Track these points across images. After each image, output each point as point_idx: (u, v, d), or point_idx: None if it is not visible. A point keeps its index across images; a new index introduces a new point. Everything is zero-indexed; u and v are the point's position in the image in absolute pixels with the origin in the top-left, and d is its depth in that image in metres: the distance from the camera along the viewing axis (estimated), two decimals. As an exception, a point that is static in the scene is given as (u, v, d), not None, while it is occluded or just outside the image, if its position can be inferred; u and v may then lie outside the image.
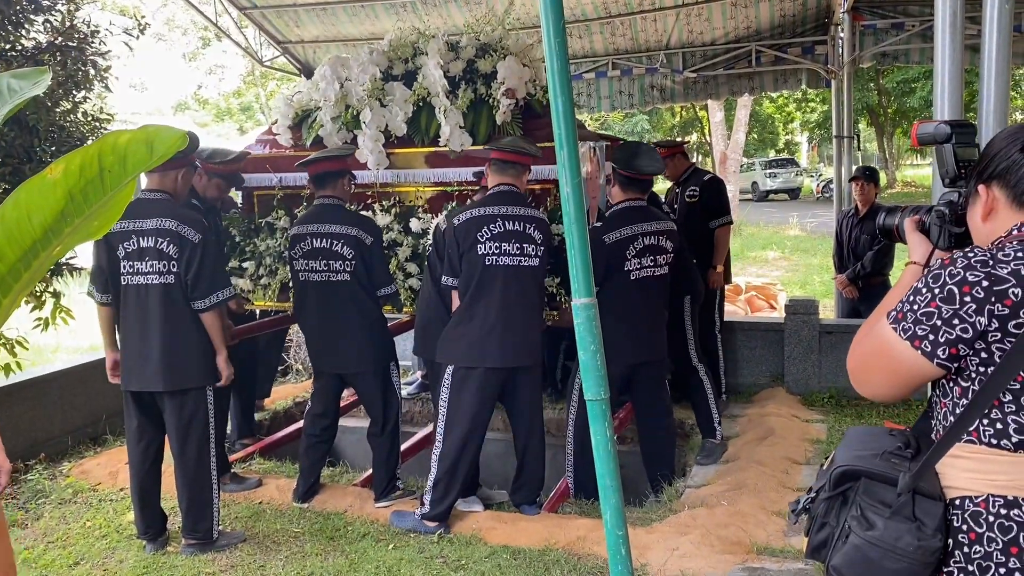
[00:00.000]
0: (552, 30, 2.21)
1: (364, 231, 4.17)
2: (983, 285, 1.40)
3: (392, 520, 4.05)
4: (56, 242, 1.23)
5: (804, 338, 5.90)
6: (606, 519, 2.39)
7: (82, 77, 4.85)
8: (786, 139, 40.71)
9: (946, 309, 1.42)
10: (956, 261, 1.44)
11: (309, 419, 4.45)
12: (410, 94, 4.62)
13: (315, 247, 4.14)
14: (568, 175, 2.29)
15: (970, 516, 1.46)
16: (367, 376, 4.29)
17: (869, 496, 1.50)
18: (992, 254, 1.43)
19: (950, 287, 1.42)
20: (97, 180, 1.19)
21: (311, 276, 4.17)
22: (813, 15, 7.61)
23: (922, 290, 1.46)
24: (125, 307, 3.73)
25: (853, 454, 1.58)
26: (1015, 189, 1.49)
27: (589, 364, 2.35)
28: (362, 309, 4.19)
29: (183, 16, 23.71)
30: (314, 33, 8.01)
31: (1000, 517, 1.43)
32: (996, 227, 1.52)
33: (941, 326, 1.43)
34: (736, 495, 4.16)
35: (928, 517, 1.45)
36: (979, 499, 1.45)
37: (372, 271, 4.19)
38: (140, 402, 3.81)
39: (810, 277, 13.18)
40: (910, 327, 1.46)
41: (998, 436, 1.44)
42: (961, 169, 1.64)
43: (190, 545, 3.84)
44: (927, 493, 1.47)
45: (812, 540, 1.59)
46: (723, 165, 19.67)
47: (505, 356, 3.94)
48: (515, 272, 3.91)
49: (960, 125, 1.66)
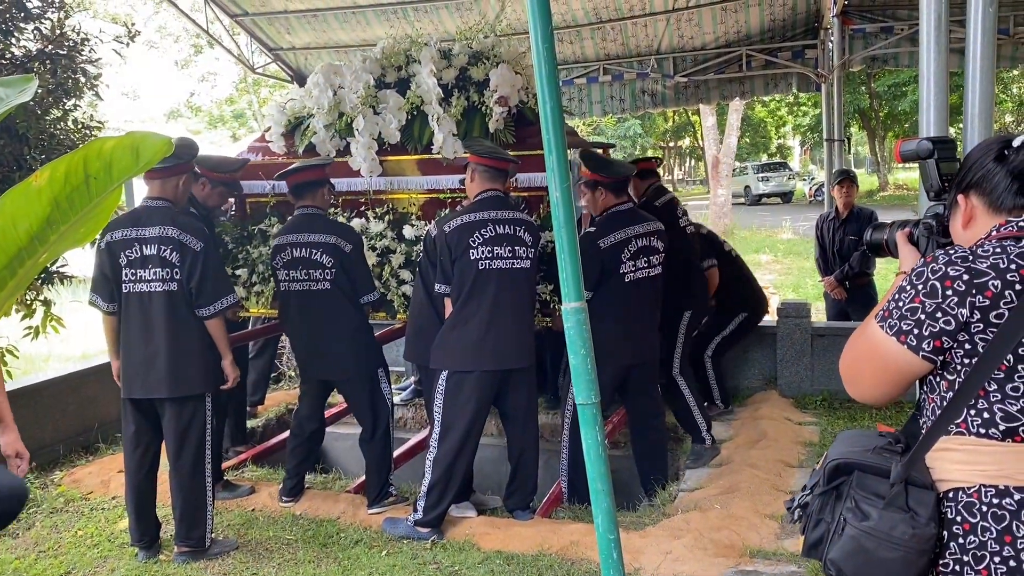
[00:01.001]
0: (540, 35, 2.22)
1: (343, 239, 4.18)
2: (964, 279, 1.45)
3: (385, 527, 4.05)
4: (42, 249, 1.22)
5: (796, 341, 5.91)
6: (598, 523, 2.39)
7: (72, 85, 4.85)
8: (778, 143, 40.88)
9: (929, 303, 1.47)
10: (937, 258, 1.50)
11: (296, 420, 4.51)
12: (403, 102, 4.62)
13: (295, 257, 4.16)
14: (557, 180, 2.30)
15: (963, 507, 1.48)
16: (353, 382, 4.32)
17: (862, 488, 1.54)
18: (972, 250, 1.50)
19: (932, 282, 1.48)
20: (83, 187, 1.19)
21: (292, 285, 4.20)
22: (803, 19, 7.65)
23: (907, 288, 1.51)
24: (127, 315, 3.74)
25: (845, 449, 1.62)
26: (991, 196, 1.56)
27: (580, 368, 2.36)
28: (344, 317, 4.20)
29: (175, 23, 23.74)
30: (305, 40, 8.02)
31: (993, 507, 1.45)
32: (976, 233, 1.58)
33: (925, 320, 1.47)
34: (729, 498, 4.16)
35: (921, 507, 1.48)
36: (971, 490, 1.48)
37: (353, 278, 4.20)
38: (139, 408, 3.81)
39: (803, 280, 13.22)
40: (896, 323, 1.51)
41: (986, 425, 1.47)
42: (944, 183, 1.72)
43: (183, 553, 3.82)
44: (919, 483, 1.50)
45: (808, 537, 1.62)
46: (715, 169, 19.75)
47: (500, 359, 3.95)
48: (509, 275, 3.93)
49: (941, 141, 1.74)
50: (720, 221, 19.65)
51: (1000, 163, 1.55)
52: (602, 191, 4.38)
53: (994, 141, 1.59)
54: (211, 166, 4.57)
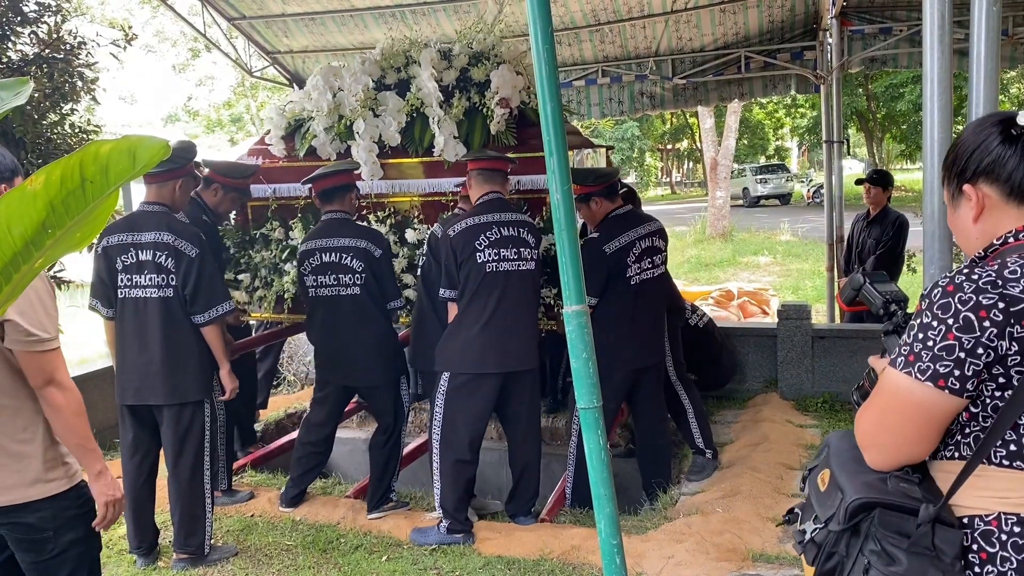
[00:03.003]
0: (540, 36, 2.20)
1: (373, 243, 4.17)
2: (999, 307, 1.31)
3: (413, 538, 3.99)
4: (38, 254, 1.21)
5: (797, 343, 5.90)
6: (600, 528, 2.37)
7: (69, 89, 4.84)
8: (776, 145, 40.91)
9: (967, 339, 1.32)
10: (962, 286, 1.34)
11: (306, 428, 4.42)
12: (403, 104, 4.60)
13: (324, 261, 4.13)
14: (558, 182, 2.28)
15: (980, 535, 1.39)
16: (379, 389, 4.29)
17: (885, 527, 1.41)
18: (998, 272, 1.34)
19: (965, 314, 1.32)
20: (79, 191, 1.17)
21: (321, 291, 4.16)
22: (801, 21, 7.63)
23: (932, 324, 1.35)
24: (122, 320, 3.71)
25: (860, 481, 1.46)
26: (1010, 183, 1.40)
27: (581, 372, 2.33)
28: (373, 323, 4.18)
29: (172, 27, 23.74)
30: (303, 43, 7.99)
31: (1013, 536, 1.36)
32: (991, 226, 1.45)
33: (966, 358, 1.32)
34: (731, 502, 4.14)
35: (947, 545, 1.38)
36: (990, 518, 1.38)
37: (383, 284, 4.19)
38: (136, 415, 3.79)
39: (802, 282, 13.22)
40: (929, 366, 1.35)
41: (1011, 458, 1.37)
42: (886, 299, 1.74)
43: (181, 560, 3.80)
44: (946, 521, 1.40)
45: (820, 569, 1.51)
46: (713, 171, 19.75)
47: (504, 361, 3.93)
48: (516, 276, 3.93)
49: (870, 273, 1.80)
50: (719, 223, 19.65)
51: (1009, 145, 1.40)
52: (596, 200, 4.39)
53: (985, 123, 1.45)
54: (224, 171, 4.54)
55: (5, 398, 2.15)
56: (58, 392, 2.16)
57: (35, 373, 2.14)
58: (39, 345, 2.11)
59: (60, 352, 2.18)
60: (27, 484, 2.16)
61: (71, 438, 2.22)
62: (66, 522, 2.22)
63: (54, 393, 2.15)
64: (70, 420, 2.19)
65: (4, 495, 2.14)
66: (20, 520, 2.17)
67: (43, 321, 2.12)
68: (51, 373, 2.15)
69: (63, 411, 2.17)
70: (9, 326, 2.07)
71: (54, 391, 2.15)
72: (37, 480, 2.17)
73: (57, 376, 2.16)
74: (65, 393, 2.17)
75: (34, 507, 2.17)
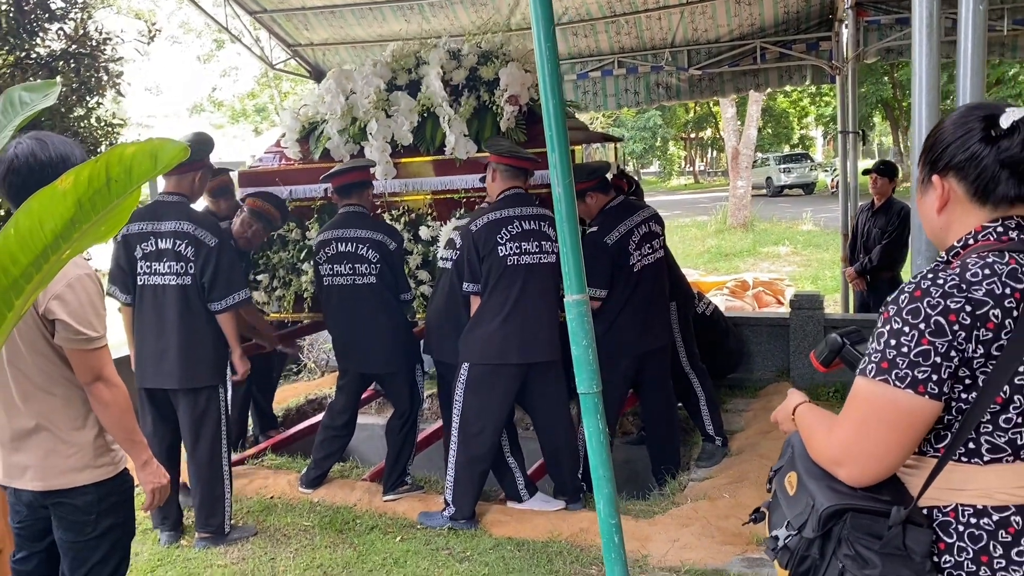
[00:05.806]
0: (543, 35, 2.29)
1: (388, 236, 4.31)
2: (966, 311, 1.32)
3: (420, 519, 4.12)
4: (66, 246, 1.31)
5: (809, 333, 5.94)
6: (599, 508, 2.47)
7: (95, 83, 4.97)
8: (801, 134, 40.52)
9: (940, 343, 1.32)
10: (929, 291, 1.35)
11: (330, 413, 4.58)
12: (415, 104, 4.69)
13: (340, 251, 4.26)
14: (560, 176, 2.37)
15: (939, 526, 1.41)
16: (395, 375, 4.41)
17: (857, 530, 1.41)
18: (960, 275, 1.36)
19: (935, 318, 1.33)
20: (104, 189, 1.27)
21: (336, 280, 4.29)
22: (817, 11, 7.62)
23: (904, 329, 1.35)
24: (141, 306, 3.84)
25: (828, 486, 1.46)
26: (975, 184, 1.41)
27: (581, 358, 2.43)
28: (388, 311, 4.31)
29: (197, 19, 23.91)
30: (323, 36, 8.10)
31: (970, 527, 1.38)
32: (951, 220, 1.46)
33: (941, 362, 1.33)
34: (738, 487, 4.22)
35: (917, 544, 1.39)
36: (947, 508, 1.41)
37: (396, 275, 4.33)
38: (154, 400, 3.92)
39: (822, 272, 13.17)
40: (907, 373, 1.34)
41: (969, 455, 1.39)
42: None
43: (203, 539, 3.95)
44: (916, 521, 1.41)
45: (793, 572, 1.51)
46: (735, 161, 19.63)
47: (526, 352, 3.99)
48: (538, 269, 4.00)
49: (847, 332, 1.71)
50: (740, 213, 19.54)
51: (987, 146, 1.39)
52: (591, 195, 4.46)
53: (970, 116, 1.42)
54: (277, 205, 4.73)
55: (59, 388, 2.26)
56: (105, 388, 2.25)
57: (84, 370, 2.23)
58: (87, 344, 2.20)
59: (107, 350, 2.27)
60: (78, 469, 2.28)
61: (118, 432, 2.33)
62: (109, 507, 2.34)
63: (102, 389, 2.24)
64: (117, 415, 2.29)
65: (58, 479, 2.27)
66: (69, 501, 2.29)
67: (92, 320, 2.21)
68: (99, 370, 2.24)
69: (111, 406, 2.27)
70: (60, 325, 2.17)
71: (102, 387, 2.24)
72: (87, 466, 2.29)
73: (105, 372, 2.25)
74: (112, 389, 2.26)
75: (82, 491, 2.29)
